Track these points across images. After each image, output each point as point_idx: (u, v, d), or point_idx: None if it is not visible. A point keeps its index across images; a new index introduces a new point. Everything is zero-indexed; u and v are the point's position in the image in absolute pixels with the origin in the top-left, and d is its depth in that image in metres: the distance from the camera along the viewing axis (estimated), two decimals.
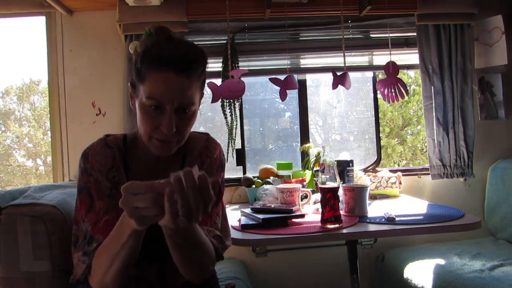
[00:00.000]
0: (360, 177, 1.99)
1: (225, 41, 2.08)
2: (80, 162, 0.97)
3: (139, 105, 0.90)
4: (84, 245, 0.90)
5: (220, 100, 1.97)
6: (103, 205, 0.91)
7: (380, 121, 2.53)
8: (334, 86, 1.93)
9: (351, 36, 2.21)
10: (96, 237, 0.89)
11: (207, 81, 1.84)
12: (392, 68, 1.98)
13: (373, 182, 2.05)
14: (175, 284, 1.01)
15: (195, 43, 2.36)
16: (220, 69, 2.10)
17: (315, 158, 2.12)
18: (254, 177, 2.10)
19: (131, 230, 0.74)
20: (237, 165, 2.22)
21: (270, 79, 1.89)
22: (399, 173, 2.09)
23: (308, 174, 2.06)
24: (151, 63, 0.86)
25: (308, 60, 2.28)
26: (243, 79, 1.84)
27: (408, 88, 5.12)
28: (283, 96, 1.88)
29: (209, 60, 2.44)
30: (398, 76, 2.00)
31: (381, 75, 2.38)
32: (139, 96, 0.90)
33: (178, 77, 0.86)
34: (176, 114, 0.88)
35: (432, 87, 2.12)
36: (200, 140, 1.08)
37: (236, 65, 2.08)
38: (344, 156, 1.97)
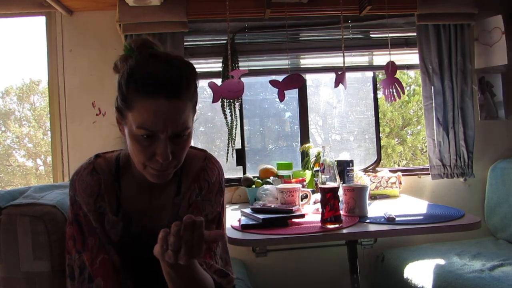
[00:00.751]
0: (360, 177, 1.99)
1: (225, 41, 2.08)
2: (69, 189, 0.93)
3: (129, 134, 0.83)
4: (83, 282, 0.88)
5: (220, 100, 1.97)
6: (94, 242, 0.89)
7: (380, 121, 2.53)
8: (336, 84, 1.93)
9: (351, 36, 2.21)
10: (96, 281, 0.86)
11: (208, 80, 1.84)
12: (390, 68, 1.98)
13: (373, 182, 2.05)
14: None
15: (195, 43, 2.35)
16: (220, 69, 2.10)
17: (315, 158, 2.12)
18: (254, 177, 2.10)
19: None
20: (237, 165, 2.22)
21: (270, 82, 1.89)
22: (399, 173, 2.09)
23: (308, 174, 2.06)
24: (138, 90, 0.79)
25: (308, 60, 2.28)
26: (243, 79, 1.84)
27: (408, 88, 5.09)
28: (281, 96, 1.88)
29: (209, 60, 2.43)
30: (397, 76, 2.00)
31: (381, 75, 2.38)
32: (128, 124, 0.82)
33: (170, 103, 0.78)
34: (170, 140, 0.81)
35: (432, 87, 2.12)
36: (198, 159, 1.00)
37: (236, 65, 2.08)
38: (344, 156, 1.97)
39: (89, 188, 0.91)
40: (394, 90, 1.98)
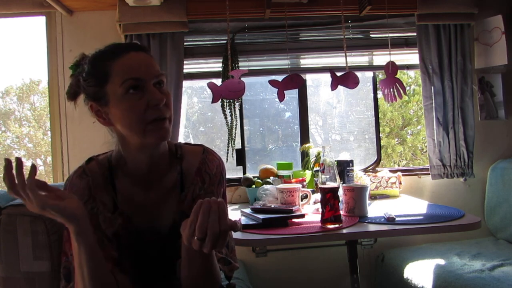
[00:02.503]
0: (360, 177, 1.99)
1: (225, 41, 2.08)
2: None
3: (116, 102, 0.85)
4: None
5: (220, 100, 1.97)
6: None
7: (380, 121, 2.53)
8: (333, 87, 1.91)
9: (351, 36, 2.21)
10: None
11: (207, 81, 1.84)
12: (391, 68, 1.98)
13: (373, 182, 2.05)
14: None
15: (195, 43, 2.37)
16: (220, 69, 2.10)
17: (315, 158, 2.12)
18: (254, 177, 2.10)
19: (74, 235, 0.76)
20: (237, 165, 2.22)
21: (269, 81, 1.89)
22: (399, 173, 2.09)
23: (308, 174, 2.06)
24: (107, 57, 0.86)
25: (308, 60, 2.28)
26: (243, 79, 1.84)
27: (408, 88, 5.08)
28: (281, 96, 1.88)
29: (209, 60, 2.45)
30: (397, 76, 2.00)
31: (381, 75, 2.38)
32: (112, 96, 0.86)
33: (139, 53, 0.87)
34: (156, 88, 0.87)
35: (432, 87, 2.13)
36: (196, 153, 1.02)
37: (236, 65, 2.08)
38: (344, 156, 1.97)
39: (79, 191, 0.92)
40: (395, 90, 1.98)
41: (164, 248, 0.94)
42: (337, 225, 1.33)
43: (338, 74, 1.91)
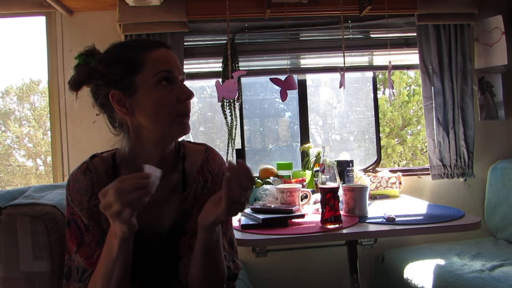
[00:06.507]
0: (360, 177, 1.99)
1: (225, 41, 2.08)
2: (65, 190, 0.94)
3: (146, 92, 0.86)
4: (78, 281, 0.88)
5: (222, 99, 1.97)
6: (93, 238, 0.89)
7: (380, 121, 2.53)
8: (341, 85, 1.94)
9: (351, 36, 2.21)
10: (92, 269, 0.87)
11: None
12: (389, 69, 1.99)
13: (373, 182, 2.05)
14: None
15: (195, 43, 2.38)
16: (220, 69, 2.10)
17: (315, 158, 2.12)
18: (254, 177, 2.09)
19: (119, 240, 0.76)
20: None
21: (270, 79, 1.90)
22: (399, 173, 2.08)
23: (308, 174, 2.06)
24: (141, 48, 0.89)
25: (308, 60, 2.28)
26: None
27: (408, 88, 5.08)
28: (283, 96, 1.89)
29: (209, 60, 2.45)
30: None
31: (381, 75, 2.38)
32: (140, 86, 0.86)
33: (168, 51, 0.91)
34: None
35: (432, 87, 2.13)
36: (199, 152, 1.02)
37: (236, 65, 2.08)
38: (344, 156, 1.97)
39: (82, 187, 0.91)
40: (391, 91, 1.98)
41: (164, 248, 0.94)
42: (337, 225, 1.33)
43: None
